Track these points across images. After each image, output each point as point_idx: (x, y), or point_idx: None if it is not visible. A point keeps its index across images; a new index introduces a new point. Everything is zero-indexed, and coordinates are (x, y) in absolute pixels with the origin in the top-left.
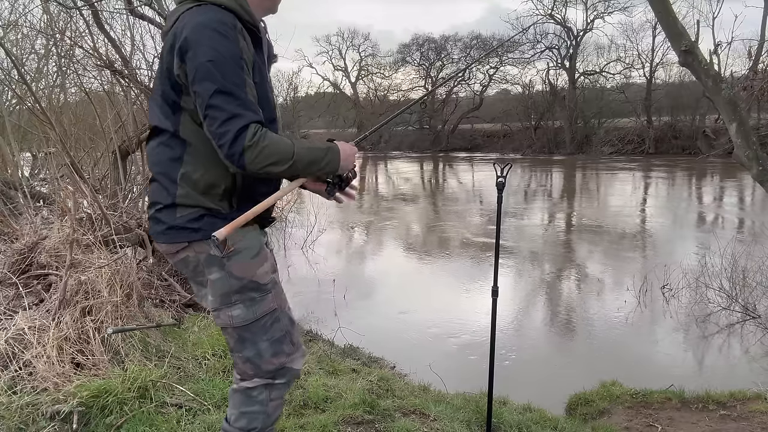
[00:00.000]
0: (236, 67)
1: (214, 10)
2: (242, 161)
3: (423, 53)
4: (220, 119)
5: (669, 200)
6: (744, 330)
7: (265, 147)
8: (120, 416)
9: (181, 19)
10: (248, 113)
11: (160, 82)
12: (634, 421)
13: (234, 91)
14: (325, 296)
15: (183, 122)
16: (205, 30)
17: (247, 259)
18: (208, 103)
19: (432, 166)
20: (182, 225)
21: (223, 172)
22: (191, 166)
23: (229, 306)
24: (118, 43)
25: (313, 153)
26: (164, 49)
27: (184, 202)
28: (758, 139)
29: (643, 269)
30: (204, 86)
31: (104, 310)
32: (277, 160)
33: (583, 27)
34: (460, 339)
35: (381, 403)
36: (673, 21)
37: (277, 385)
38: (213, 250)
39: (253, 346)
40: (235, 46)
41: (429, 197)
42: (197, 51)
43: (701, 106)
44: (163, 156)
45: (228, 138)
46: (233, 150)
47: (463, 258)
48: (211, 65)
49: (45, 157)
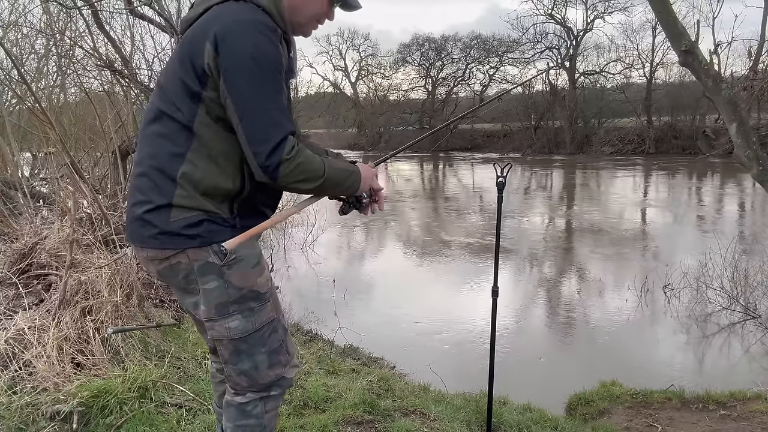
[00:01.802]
0: (276, 72)
1: (253, 10)
2: (276, 173)
3: (423, 53)
4: (262, 123)
5: (669, 200)
6: (744, 330)
7: (300, 163)
8: (120, 416)
9: (214, 10)
10: (288, 123)
11: (180, 71)
12: (634, 421)
13: (276, 97)
14: (325, 296)
15: (199, 114)
16: (249, 26)
17: (248, 268)
18: (250, 104)
19: (432, 166)
20: (177, 231)
21: (231, 175)
22: (194, 165)
23: (225, 317)
24: (118, 43)
25: (342, 174)
26: (188, 37)
27: (181, 203)
28: (758, 139)
29: (643, 269)
30: (243, 84)
31: (104, 310)
32: (309, 178)
33: (583, 27)
34: (460, 339)
35: (381, 403)
36: (673, 21)
37: (272, 397)
38: (212, 258)
39: (249, 359)
40: (276, 51)
41: (429, 197)
42: (238, 45)
43: (701, 106)
44: (163, 149)
45: (268, 146)
46: (271, 160)
47: (463, 258)
48: (253, 63)
49: (45, 157)
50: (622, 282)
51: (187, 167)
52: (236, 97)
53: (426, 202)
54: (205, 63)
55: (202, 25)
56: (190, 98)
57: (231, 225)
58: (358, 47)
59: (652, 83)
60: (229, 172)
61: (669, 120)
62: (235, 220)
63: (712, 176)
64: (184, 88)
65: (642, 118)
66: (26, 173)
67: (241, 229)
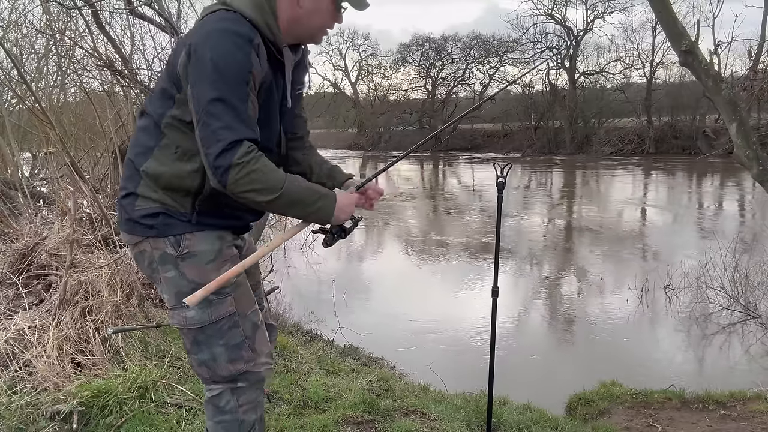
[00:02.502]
0: (241, 79)
1: (234, 20)
2: (226, 177)
3: (423, 53)
4: (214, 126)
5: (669, 200)
6: (744, 330)
7: (253, 170)
8: (120, 416)
9: (204, 19)
10: (245, 129)
11: (164, 73)
12: (634, 421)
13: (235, 103)
14: (325, 296)
15: (170, 114)
16: (219, 34)
17: (202, 264)
18: (206, 108)
19: (432, 166)
20: (137, 219)
21: (194, 173)
22: (158, 161)
23: (183, 306)
24: (118, 43)
25: (304, 193)
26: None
27: (145, 194)
28: (758, 139)
29: (643, 269)
30: (203, 89)
31: (104, 310)
32: (262, 189)
33: (583, 27)
34: (460, 339)
35: (381, 403)
36: (673, 21)
37: (241, 389)
38: (169, 249)
39: (207, 350)
40: (245, 59)
41: (429, 197)
42: (204, 51)
43: (701, 106)
44: (138, 141)
45: (217, 147)
46: (219, 162)
47: (463, 258)
48: (214, 69)
49: (45, 157)
50: (622, 282)
51: (151, 163)
52: (196, 100)
53: (426, 202)
54: (179, 69)
55: (189, 33)
56: (166, 99)
57: (187, 220)
58: (358, 47)
59: (652, 83)
60: (192, 171)
61: (669, 120)
62: (193, 215)
63: (712, 176)
64: (162, 89)
65: (642, 118)
66: (26, 173)
67: (197, 225)
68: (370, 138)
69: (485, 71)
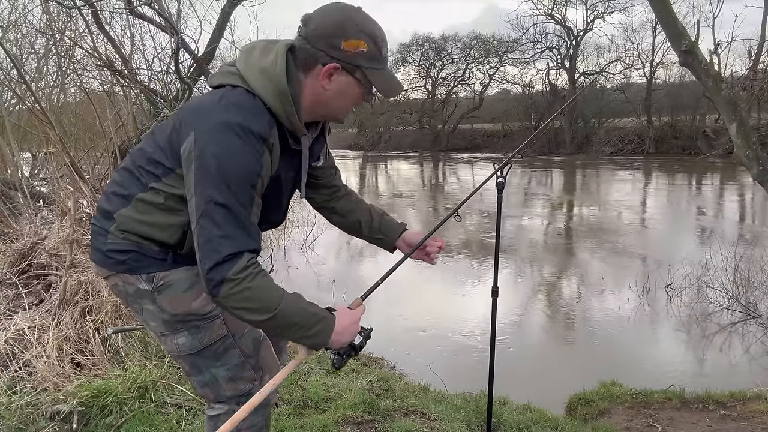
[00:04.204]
0: (248, 183)
1: (251, 111)
2: (217, 291)
3: (423, 53)
4: (212, 234)
5: (669, 200)
6: (745, 330)
7: (247, 288)
8: (120, 416)
9: (218, 94)
10: (245, 239)
11: (168, 138)
12: (634, 421)
13: (237, 210)
14: (325, 296)
15: (162, 182)
16: (231, 131)
17: (179, 293)
18: (206, 209)
19: (432, 166)
20: (106, 253)
21: (172, 231)
22: (137, 210)
23: (174, 333)
24: (118, 43)
25: (301, 316)
26: (189, 109)
27: (115, 234)
28: (758, 139)
29: (643, 269)
30: (206, 187)
31: (104, 310)
32: (255, 308)
33: (583, 27)
34: (460, 339)
35: (381, 403)
36: (673, 21)
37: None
38: (143, 285)
39: (207, 372)
40: (255, 163)
41: (429, 197)
42: (211, 147)
43: (701, 106)
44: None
45: (213, 259)
46: (212, 275)
47: (463, 258)
48: (219, 170)
49: (45, 157)
50: (622, 282)
51: (128, 211)
52: (197, 199)
53: (426, 202)
54: (183, 150)
55: (199, 108)
56: (162, 166)
57: (161, 259)
58: None
59: (652, 83)
60: (171, 229)
61: (669, 120)
62: (168, 255)
63: (712, 176)
64: (163, 154)
65: (642, 118)
66: (26, 173)
67: (173, 264)
68: (370, 138)
69: (485, 71)
